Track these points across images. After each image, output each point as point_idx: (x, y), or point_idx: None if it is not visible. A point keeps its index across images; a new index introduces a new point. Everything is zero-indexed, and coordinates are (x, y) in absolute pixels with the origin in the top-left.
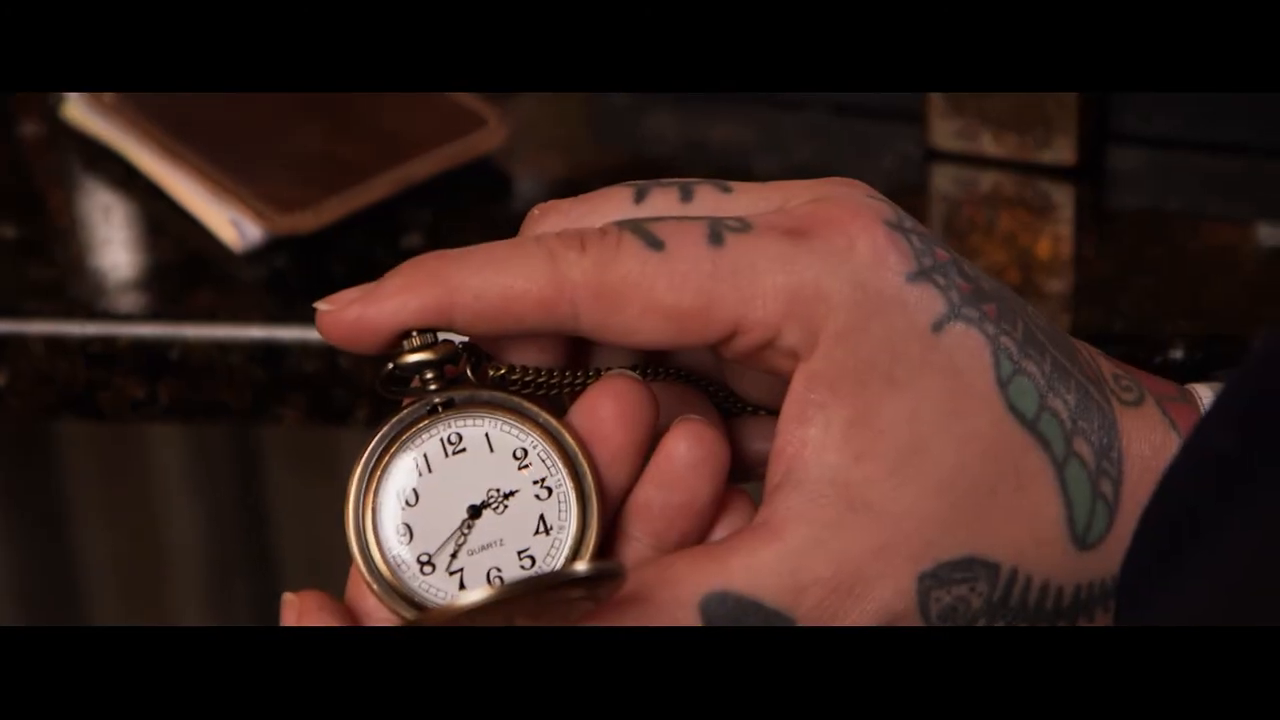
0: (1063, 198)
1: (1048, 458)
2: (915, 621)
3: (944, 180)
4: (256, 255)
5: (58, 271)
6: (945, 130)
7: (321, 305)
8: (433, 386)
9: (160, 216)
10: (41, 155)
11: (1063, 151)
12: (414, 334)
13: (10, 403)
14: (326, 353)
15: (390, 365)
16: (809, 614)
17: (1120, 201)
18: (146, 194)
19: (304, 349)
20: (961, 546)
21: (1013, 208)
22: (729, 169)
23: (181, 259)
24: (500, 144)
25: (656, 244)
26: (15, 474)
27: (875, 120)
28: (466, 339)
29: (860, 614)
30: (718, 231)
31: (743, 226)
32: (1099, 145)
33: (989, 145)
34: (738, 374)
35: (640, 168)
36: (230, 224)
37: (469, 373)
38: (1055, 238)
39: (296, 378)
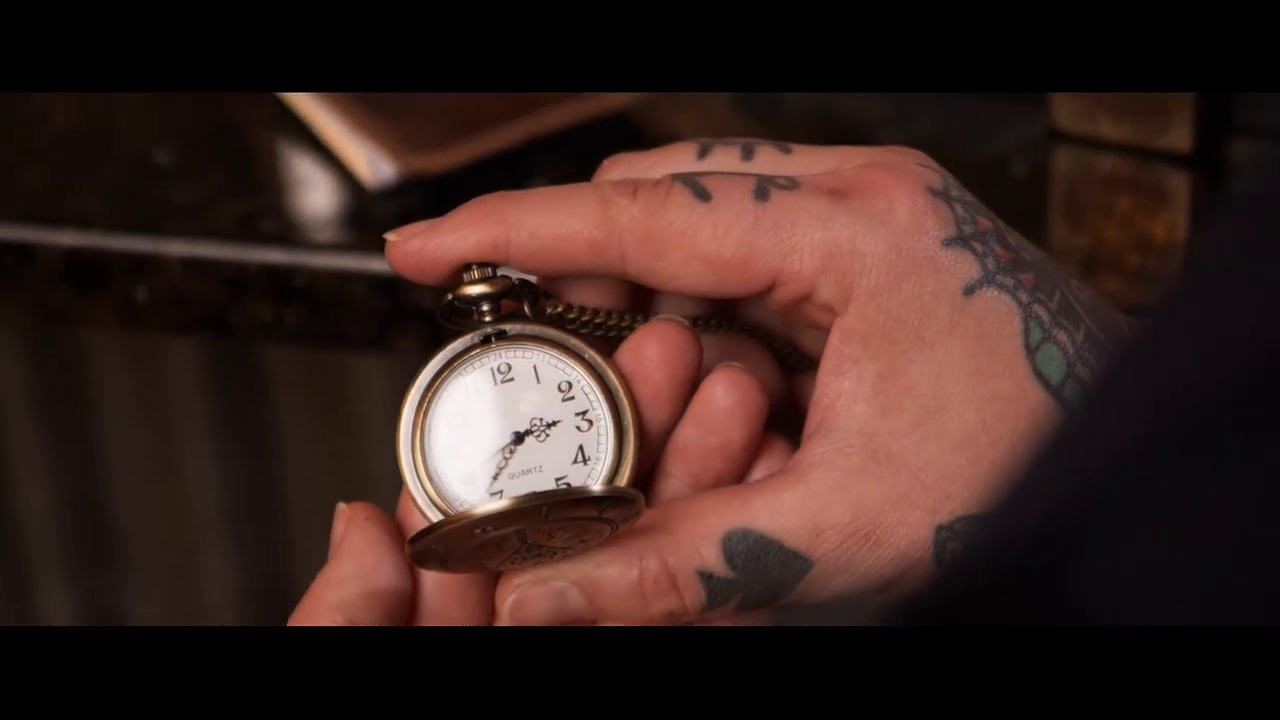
0: (1176, 184)
1: None
2: (929, 570)
3: (1064, 160)
4: (388, 193)
5: (201, 196)
6: (1066, 111)
7: (391, 236)
8: (488, 319)
9: (303, 151)
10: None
11: (1179, 139)
12: (473, 268)
13: (147, 319)
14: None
15: (450, 296)
16: (825, 556)
17: (1228, 191)
18: (292, 129)
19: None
20: (980, 502)
21: (1127, 191)
22: (851, 139)
23: (317, 192)
24: (633, 100)
25: (704, 195)
26: (231, 398)
27: (1002, 98)
28: (529, 277)
29: (876, 560)
30: (764, 188)
31: (790, 185)
32: (1220, 135)
33: (1107, 128)
34: (802, 331)
35: (767, 131)
36: (366, 161)
37: (525, 308)
38: (1168, 224)
39: (415, 310)
